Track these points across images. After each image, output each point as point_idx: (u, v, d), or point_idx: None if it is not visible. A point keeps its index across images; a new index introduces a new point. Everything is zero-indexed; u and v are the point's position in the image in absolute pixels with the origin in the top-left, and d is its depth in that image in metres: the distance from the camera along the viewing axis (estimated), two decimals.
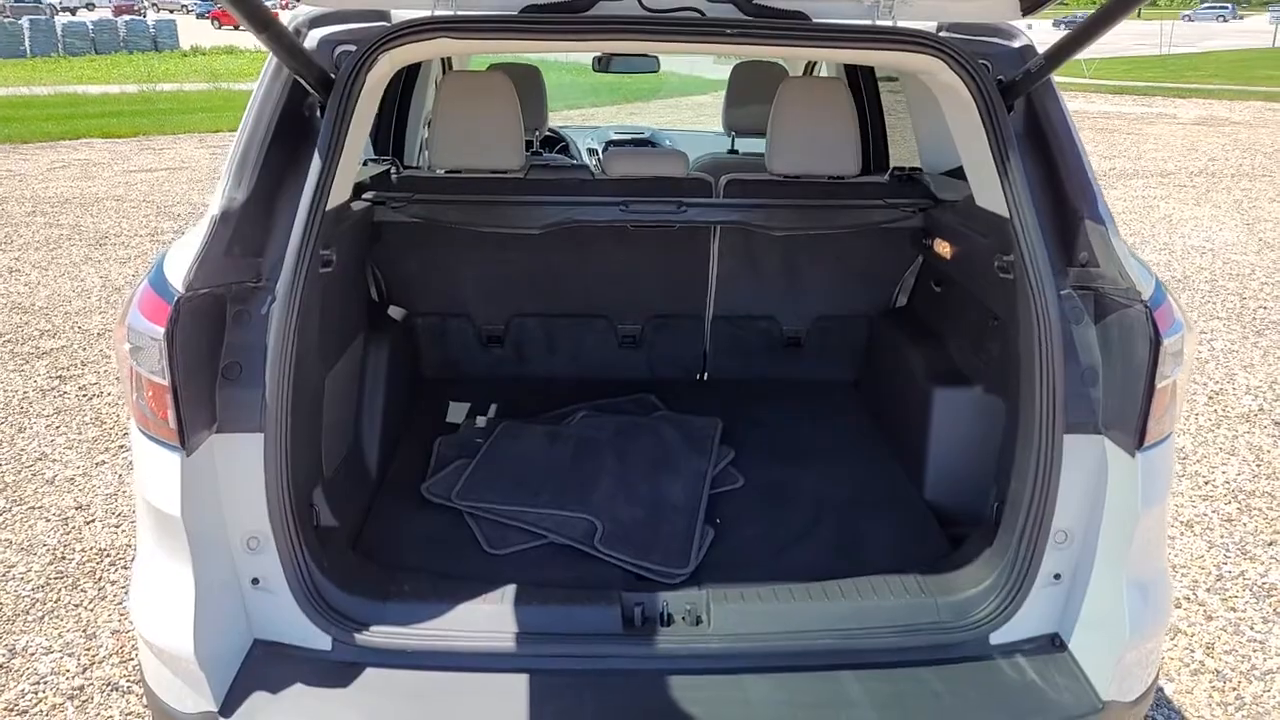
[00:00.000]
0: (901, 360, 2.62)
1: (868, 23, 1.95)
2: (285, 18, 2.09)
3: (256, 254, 1.74)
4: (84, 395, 4.39)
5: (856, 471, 2.47)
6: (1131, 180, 10.35)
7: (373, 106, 1.99)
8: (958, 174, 2.49)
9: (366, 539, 2.07)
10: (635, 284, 2.91)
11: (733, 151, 3.91)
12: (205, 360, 1.60)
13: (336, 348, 2.14)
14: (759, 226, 2.69)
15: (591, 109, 13.34)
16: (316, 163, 1.77)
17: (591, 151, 4.70)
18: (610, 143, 4.67)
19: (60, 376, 4.59)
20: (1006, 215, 1.81)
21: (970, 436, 2.21)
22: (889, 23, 1.94)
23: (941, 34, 2.06)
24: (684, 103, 15.41)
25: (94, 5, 55.05)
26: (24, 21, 27.59)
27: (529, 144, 3.68)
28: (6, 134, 12.05)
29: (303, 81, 1.83)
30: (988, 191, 2.04)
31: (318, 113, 1.93)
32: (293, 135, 1.88)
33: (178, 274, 1.61)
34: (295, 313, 1.66)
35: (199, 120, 13.05)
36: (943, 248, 2.53)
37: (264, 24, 1.60)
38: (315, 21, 2.03)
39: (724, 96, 3.85)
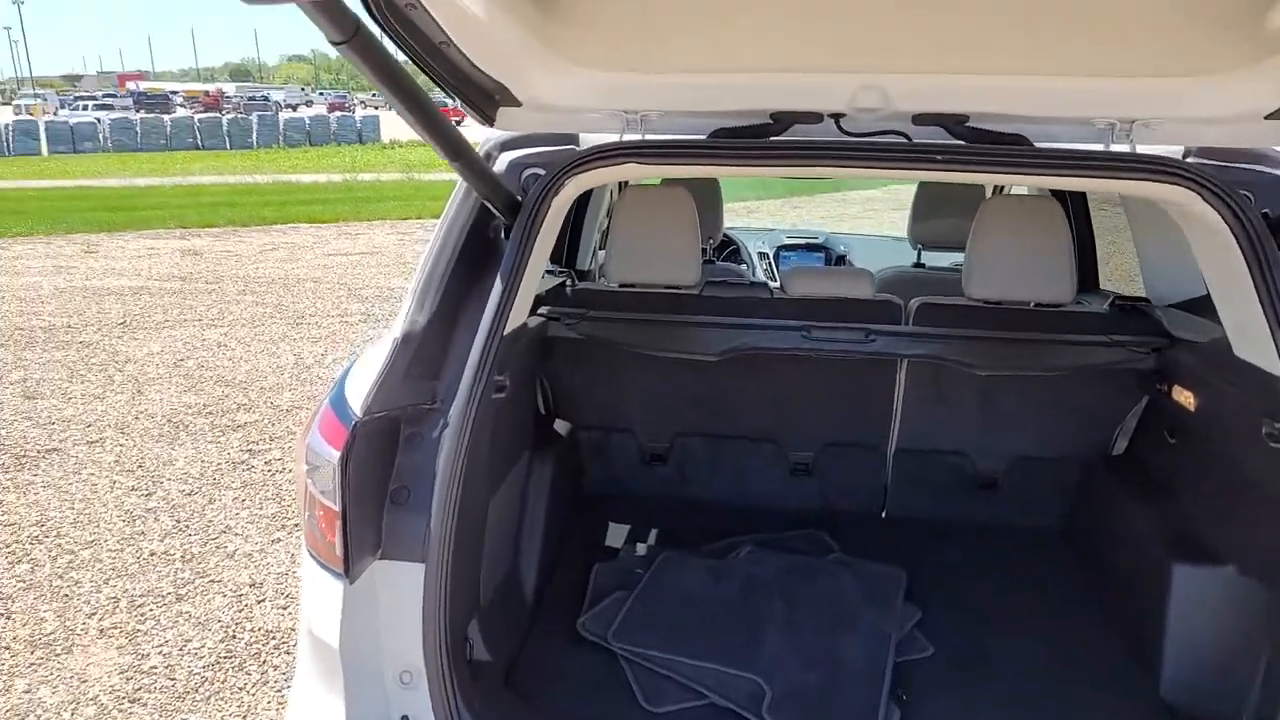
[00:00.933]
0: (1126, 518, 2.29)
1: (1100, 147, 1.77)
2: (476, 137, 2.15)
3: (433, 376, 1.76)
4: (269, 470, 4.64)
5: (1069, 643, 2.15)
6: None
7: (556, 229, 2.00)
8: (1196, 306, 2.22)
9: (520, 675, 1.99)
10: (809, 408, 2.74)
11: (919, 265, 3.70)
12: (376, 484, 1.61)
13: (503, 470, 2.11)
14: (955, 362, 2.47)
15: (756, 201, 13.41)
16: (498, 288, 1.77)
17: (762, 256, 4.64)
18: (782, 248, 4.59)
19: (250, 450, 4.88)
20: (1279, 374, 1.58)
21: (1222, 629, 1.88)
22: (1125, 147, 1.76)
23: (1189, 160, 1.85)
24: (853, 197, 15.25)
25: (312, 102, 61.40)
26: (254, 117, 31.03)
27: (704, 252, 3.65)
28: (230, 217, 13.39)
29: (490, 206, 1.86)
30: (1252, 342, 1.77)
31: (502, 234, 1.96)
32: (477, 257, 1.91)
33: (357, 395, 1.63)
34: (466, 438, 1.65)
35: (392, 208, 14.07)
36: (1184, 396, 2.22)
37: (457, 152, 1.63)
38: (506, 145, 2.08)
39: (910, 208, 3.66)
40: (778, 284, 4.48)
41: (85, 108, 43.44)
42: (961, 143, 1.78)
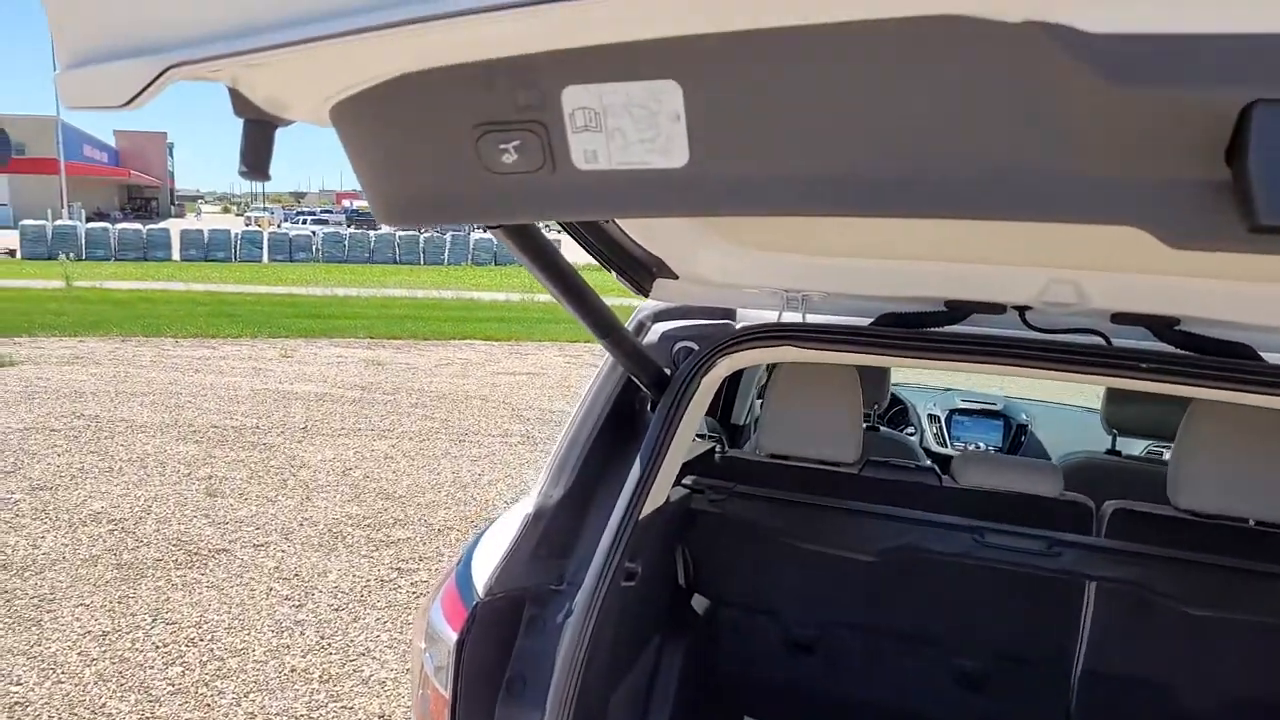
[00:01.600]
0: None
1: None
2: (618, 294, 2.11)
3: (562, 555, 1.67)
4: (414, 592, 4.68)
5: None
6: None
7: (705, 406, 1.91)
8: None
9: None
10: (978, 613, 2.44)
11: (1113, 452, 3.33)
12: (491, 670, 1.52)
13: (629, 657, 1.97)
14: (1160, 594, 2.09)
15: None
16: (636, 470, 1.68)
17: (933, 419, 4.35)
18: (955, 412, 4.29)
19: (399, 569, 4.96)
20: None
21: None
22: None
23: None
24: None
25: None
26: (447, 235, 33.46)
27: (867, 416, 3.45)
28: (413, 330, 14.26)
29: (638, 381, 1.79)
30: None
31: (648, 407, 1.88)
32: (620, 430, 1.84)
33: (483, 572, 1.57)
34: (590, 628, 1.54)
35: (562, 330, 14.58)
36: None
37: (608, 329, 1.58)
38: (660, 315, 2.03)
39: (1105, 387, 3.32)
40: (948, 448, 4.21)
41: (304, 221, 48.53)
42: (1172, 349, 1.57)
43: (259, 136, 0.83)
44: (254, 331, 13.45)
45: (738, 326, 2.02)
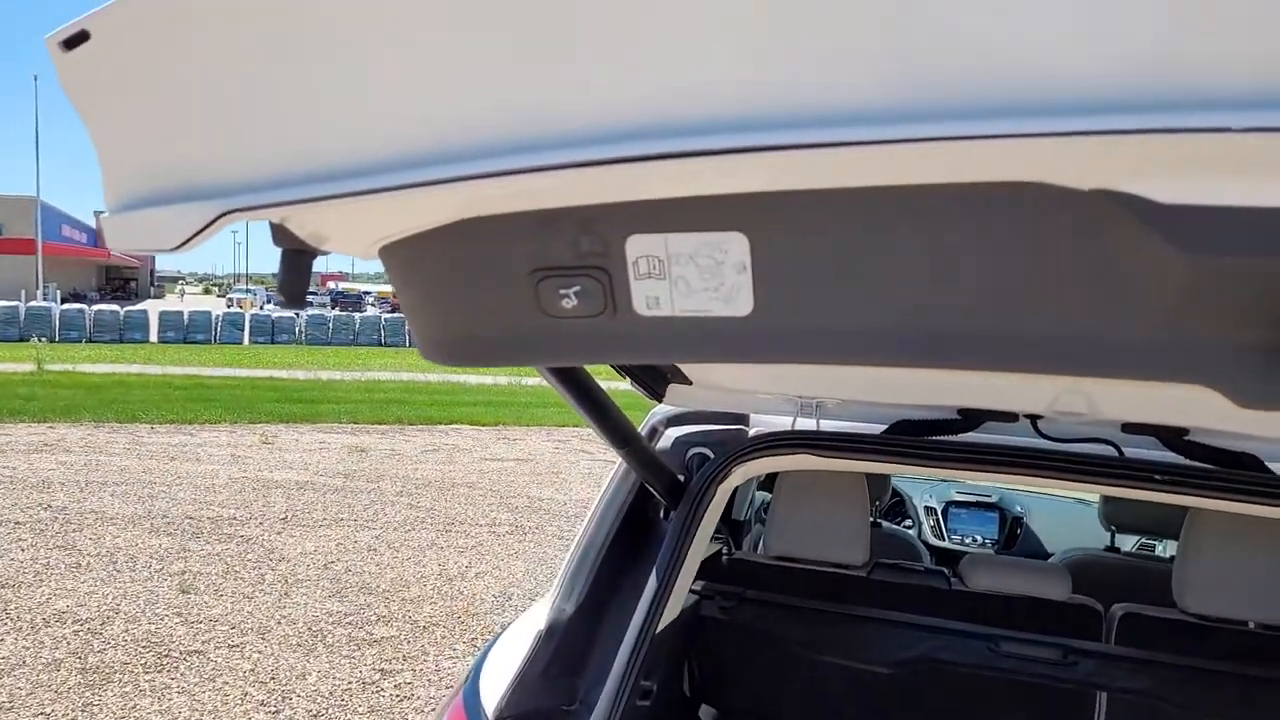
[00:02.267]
0: None
1: None
2: (648, 416, 2.09)
3: (575, 673, 1.60)
4: (398, 694, 4.50)
5: None
6: None
7: (718, 515, 1.87)
8: None
9: None
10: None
11: (1112, 548, 3.31)
12: None
13: None
14: (1173, 705, 2.06)
15: None
16: (653, 583, 1.63)
17: (929, 511, 4.32)
18: (951, 503, 4.27)
19: (382, 670, 4.78)
20: None
21: None
22: None
23: None
24: None
25: None
26: None
27: (872, 510, 3.41)
28: (398, 415, 14.13)
29: (653, 490, 1.76)
30: None
31: (662, 515, 1.85)
32: (633, 540, 1.80)
33: (492, 693, 1.50)
34: None
35: (551, 414, 14.50)
36: None
37: (625, 439, 1.56)
38: (673, 420, 2.01)
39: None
40: (945, 541, 4.17)
41: None
42: (1182, 460, 1.57)
43: (299, 266, 0.81)
44: (233, 417, 13.28)
45: (751, 433, 2.00)
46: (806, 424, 1.84)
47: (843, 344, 0.70)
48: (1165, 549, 3.56)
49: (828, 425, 1.85)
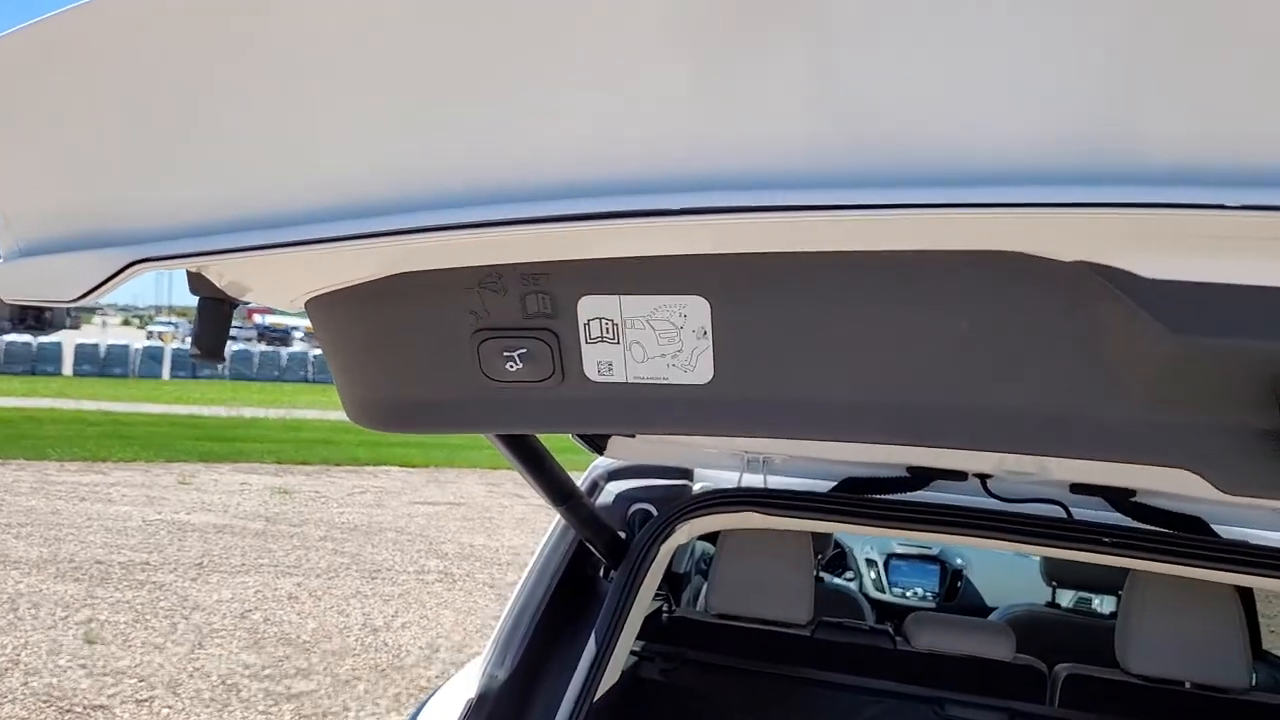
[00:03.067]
0: None
1: None
2: (590, 470, 2.02)
3: None
4: None
5: None
6: None
7: (660, 574, 1.81)
8: None
9: None
10: None
11: (1053, 605, 3.33)
12: None
13: None
14: None
15: None
16: (592, 648, 1.56)
17: (870, 564, 4.32)
18: (892, 556, 4.27)
19: None
20: None
21: None
22: None
23: None
24: None
25: None
26: None
27: (814, 564, 3.38)
28: (325, 455, 13.73)
29: (593, 549, 1.69)
30: None
31: (602, 574, 1.77)
32: (571, 601, 1.72)
33: None
34: None
35: (485, 456, 14.23)
36: None
37: (564, 495, 1.49)
38: (614, 474, 1.95)
39: None
40: (886, 594, 4.15)
41: None
42: (1132, 524, 1.57)
43: (217, 316, 0.73)
44: (149, 455, 12.73)
45: (696, 487, 1.95)
46: (753, 480, 1.80)
47: (810, 418, 0.65)
48: (1102, 604, 3.61)
49: (775, 481, 1.81)
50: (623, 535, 1.77)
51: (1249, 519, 1.65)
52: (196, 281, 0.71)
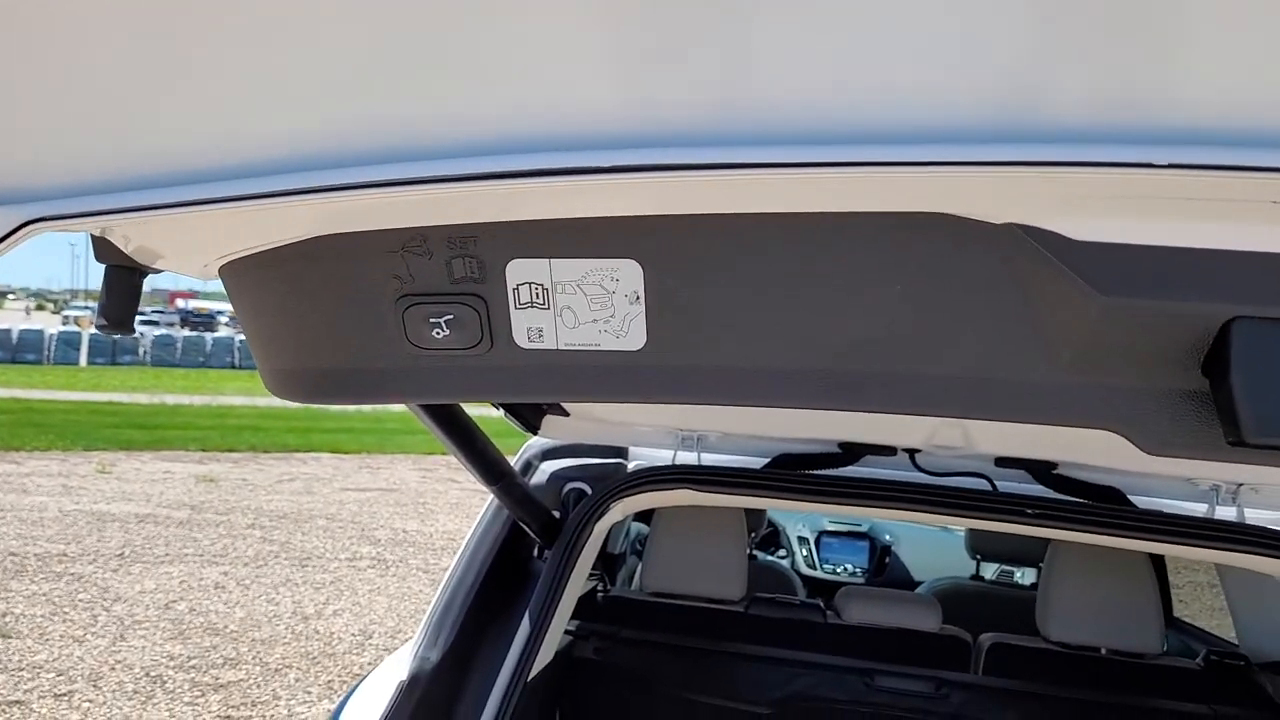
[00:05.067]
0: None
1: (1205, 512, 1.61)
2: (524, 448, 2.00)
3: None
4: None
5: None
6: None
7: (595, 552, 1.80)
8: None
9: None
10: None
11: (977, 577, 3.44)
12: None
13: None
14: None
15: None
16: (526, 627, 1.54)
17: (802, 541, 4.39)
18: (823, 533, 4.35)
19: (228, 717, 4.44)
20: None
21: None
22: (1232, 512, 1.59)
23: None
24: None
25: None
26: None
27: (748, 542, 3.42)
28: (252, 442, 13.38)
29: (527, 529, 1.67)
30: None
31: (536, 554, 1.76)
32: (505, 582, 1.71)
33: None
34: None
35: (418, 442, 14.03)
36: None
37: (497, 475, 1.47)
38: (548, 453, 1.93)
39: None
40: (818, 571, 4.23)
41: None
42: (1053, 495, 1.62)
43: (124, 285, 0.70)
44: (66, 444, 12.24)
45: (630, 466, 1.94)
46: (687, 457, 1.81)
47: (743, 383, 0.65)
48: (1024, 576, 3.73)
49: (709, 459, 1.82)
50: (557, 515, 1.76)
51: (1163, 490, 1.71)
52: (102, 247, 0.68)
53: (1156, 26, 0.51)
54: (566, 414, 1.76)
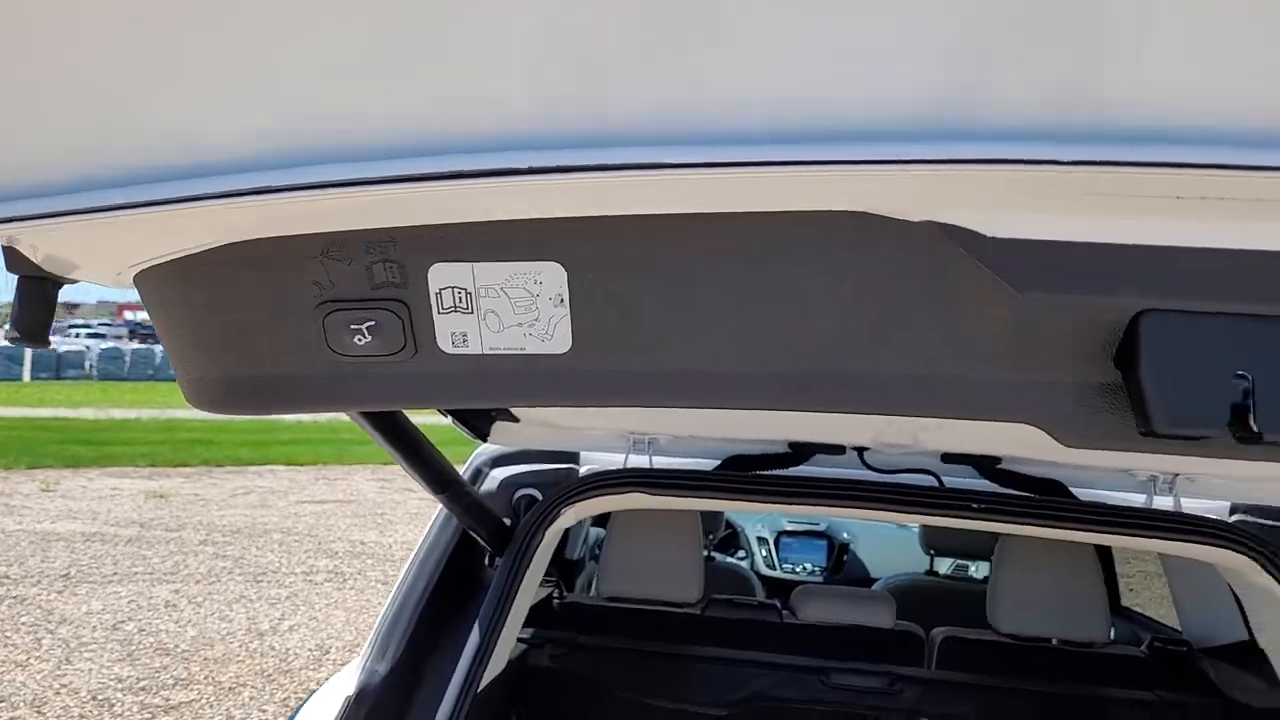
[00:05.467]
0: None
1: (1144, 503, 1.65)
2: (474, 455, 1.99)
3: None
4: None
5: None
6: None
7: (547, 559, 1.79)
8: (1243, 654, 2.00)
9: None
10: None
11: (931, 572, 3.48)
12: None
13: None
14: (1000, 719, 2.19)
15: None
16: (475, 636, 1.53)
17: (761, 541, 4.42)
18: (782, 533, 4.38)
19: None
20: None
21: None
22: (1169, 502, 1.63)
23: (1237, 518, 1.73)
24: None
25: None
26: None
27: (706, 544, 3.42)
28: (204, 456, 13.12)
29: (477, 537, 1.66)
30: None
31: (487, 562, 1.75)
32: (456, 591, 1.69)
33: None
34: None
35: (376, 452, 13.76)
36: None
37: (444, 483, 1.46)
38: (498, 460, 1.92)
39: None
40: (777, 571, 4.25)
41: (78, 335, 44.25)
42: (998, 489, 1.65)
43: (37, 296, 0.67)
44: (8, 461, 11.88)
45: (582, 471, 1.94)
46: (639, 461, 1.81)
47: (670, 385, 0.65)
48: (978, 569, 3.79)
49: (660, 461, 1.82)
50: (508, 522, 1.75)
51: (1104, 481, 1.75)
52: (12, 257, 0.65)
53: (1060, 25, 0.51)
54: (516, 420, 1.75)
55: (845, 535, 4.41)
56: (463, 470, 1.98)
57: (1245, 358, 0.56)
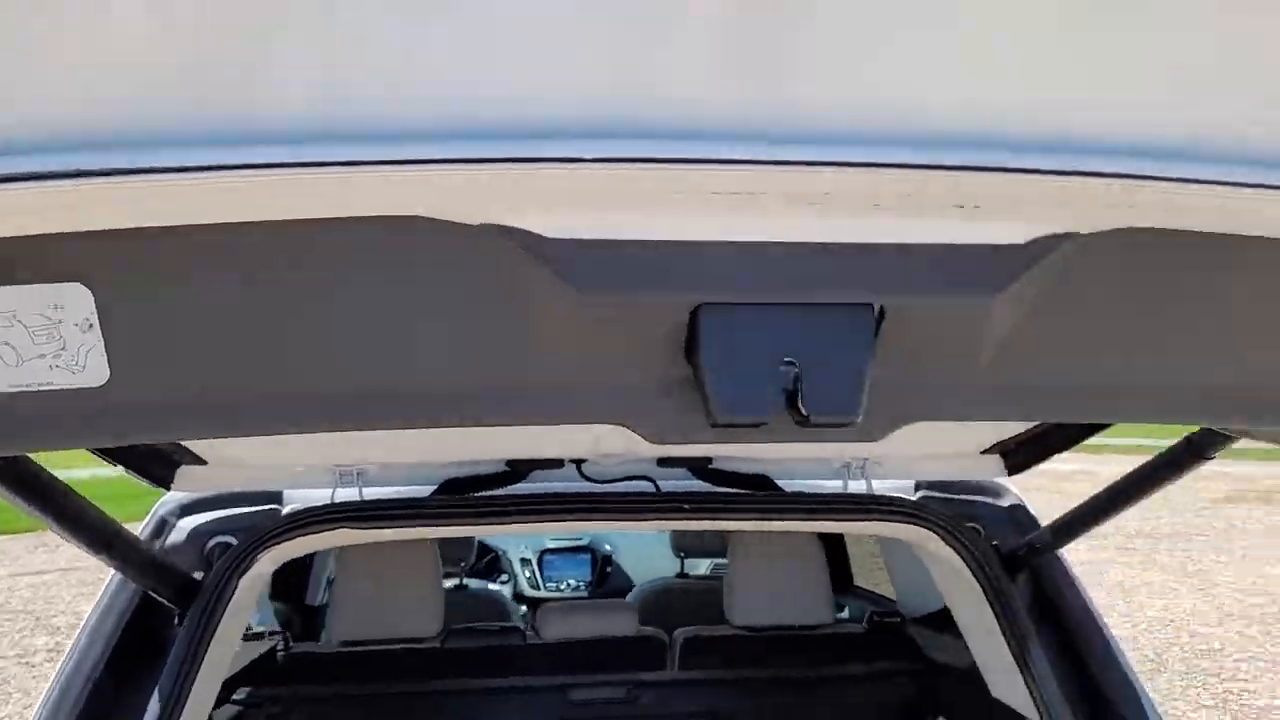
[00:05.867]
0: None
1: (839, 488, 1.76)
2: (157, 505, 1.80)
3: None
4: None
5: None
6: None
7: (247, 611, 1.65)
8: (947, 620, 2.20)
9: None
10: None
11: (682, 575, 3.56)
12: None
13: None
14: (734, 710, 2.24)
15: None
16: (155, 707, 1.37)
17: (525, 562, 4.34)
18: (545, 551, 4.32)
19: None
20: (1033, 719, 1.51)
21: None
22: (862, 485, 1.75)
23: (921, 495, 1.89)
24: None
25: None
26: None
27: (453, 575, 3.32)
28: None
29: (156, 596, 1.49)
30: (1004, 683, 1.72)
31: (176, 622, 1.58)
32: (135, 657, 1.51)
33: None
34: None
35: (110, 507, 12.43)
36: None
37: (106, 543, 1.29)
38: (187, 509, 1.74)
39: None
40: (541, 590, 4.19)
41: None
42: (709, 488, 1.71)
43: None
44: None
45: (285, 511, 1.80)
46: (348, 494, 1.70)
47: (224, 411, 0.59)
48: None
49: (372, 493, 1.72)
50: (199, 576, 1.59)
51: (804, 471, 1.85)
52: None
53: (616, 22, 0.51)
54: (204, 461, 1.59)
55: (608, 547, 4.43)
56: (144, 523, 1.78)
57: (793, 345, 0.58)
